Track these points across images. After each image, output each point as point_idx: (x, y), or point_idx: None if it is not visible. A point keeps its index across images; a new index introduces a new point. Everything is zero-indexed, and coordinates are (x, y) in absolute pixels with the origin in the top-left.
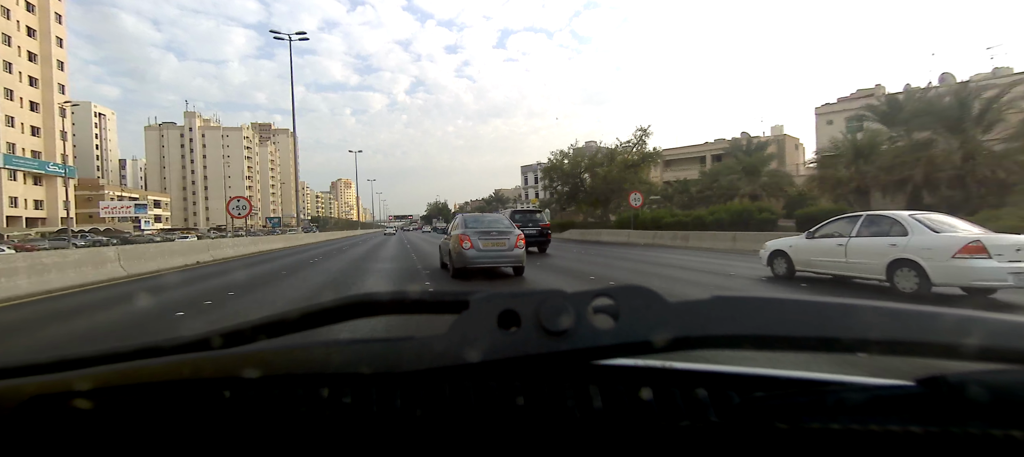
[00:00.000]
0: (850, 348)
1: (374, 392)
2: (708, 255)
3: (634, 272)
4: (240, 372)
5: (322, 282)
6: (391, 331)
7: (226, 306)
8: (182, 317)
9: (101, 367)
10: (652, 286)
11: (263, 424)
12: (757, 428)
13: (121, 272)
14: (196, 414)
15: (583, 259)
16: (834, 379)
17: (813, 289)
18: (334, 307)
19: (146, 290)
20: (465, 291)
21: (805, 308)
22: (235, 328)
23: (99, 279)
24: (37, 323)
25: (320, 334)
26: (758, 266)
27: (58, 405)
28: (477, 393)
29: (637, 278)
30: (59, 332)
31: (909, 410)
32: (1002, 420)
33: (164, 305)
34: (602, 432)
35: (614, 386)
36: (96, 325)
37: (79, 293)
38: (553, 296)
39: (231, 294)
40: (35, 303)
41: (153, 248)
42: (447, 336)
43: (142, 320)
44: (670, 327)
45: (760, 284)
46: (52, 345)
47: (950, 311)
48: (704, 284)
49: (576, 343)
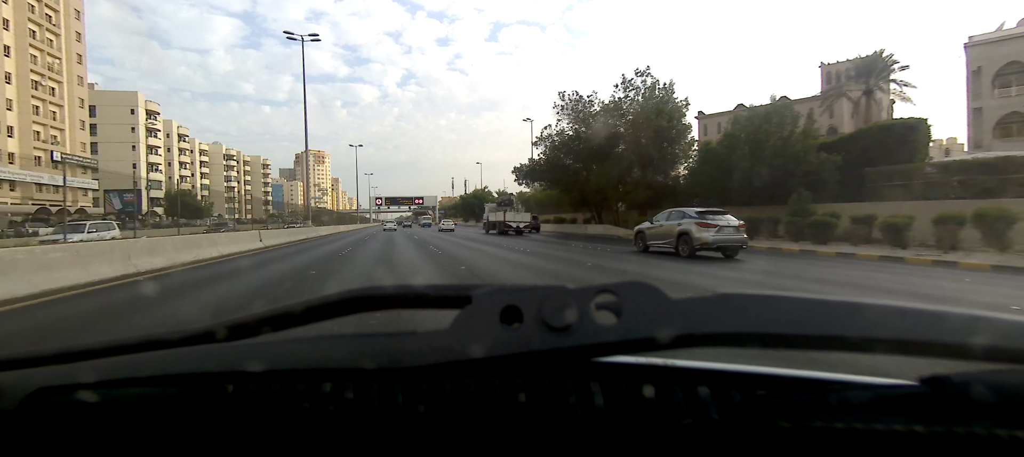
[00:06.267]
0: (855, 347)
1: (376, 387)
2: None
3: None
4: (243, 366)
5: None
6: (394, 326)
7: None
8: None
9: (106, 359)
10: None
11: (266, 418)
12: (759, 427)
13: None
14: (199, 407)
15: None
16: (837, 378)
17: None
18: (338, 301)
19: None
20: (468, 286)
21: (810, 306)
22: (239, 321)
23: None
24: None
25: (323, 328)
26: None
27: (63, 397)
28: (479, 389)
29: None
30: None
31: (913, 410)
32: (1007, 420)
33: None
34: (604, 430)
35: (616, 383)
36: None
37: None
38: (556, 292)
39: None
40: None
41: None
42: (450, 331)
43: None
44: (673, 324)
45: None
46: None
47: (957, 311)
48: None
49: (579, 339)
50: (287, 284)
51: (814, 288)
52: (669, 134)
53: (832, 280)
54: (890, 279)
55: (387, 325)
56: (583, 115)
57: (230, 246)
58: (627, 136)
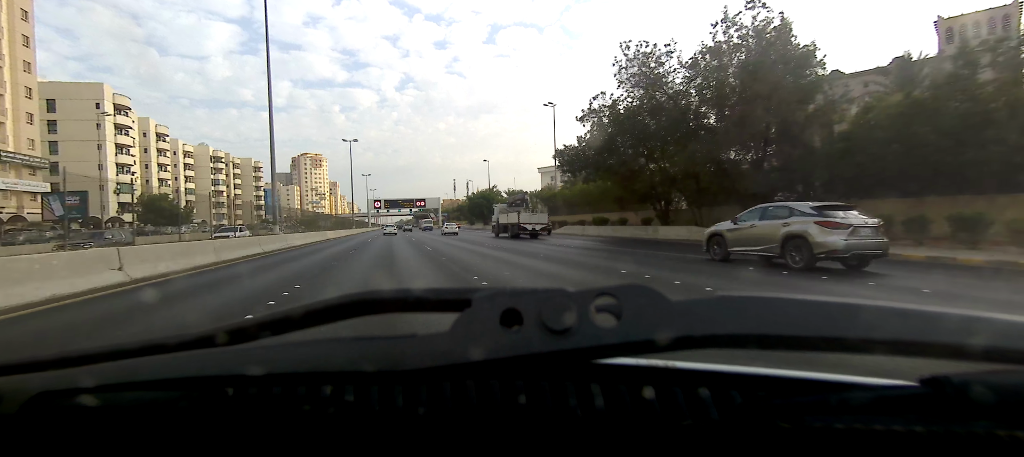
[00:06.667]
0: (855, 348)
1: (376, 390)
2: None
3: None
4: (244, 369)
5: None
6: (394, 329)
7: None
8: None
9: (105, 364)
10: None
11: (266, 422)
12: (760, 428)
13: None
14: (200, 411)
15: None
16: (837, 379)
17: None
18: (337, 305)
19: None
20: (467, 289)
21: (810, 308)
22: (239, 325)
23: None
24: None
25: (323, 332)
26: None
27: (63, 402)
28: (479, 392)
29: None
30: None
31: (913, 410)
32: (1007, 421)
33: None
34: (604, 432)
35: (616, 385)
36: None
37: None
38: (556, 294)
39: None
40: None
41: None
42: (450, 334)
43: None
44: (673, 326)
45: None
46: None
47: (955, 311)
48: None
49: (578, 342)
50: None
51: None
52: (800, 93)
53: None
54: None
55: (387, 329)
56: (655, 77)
57: (139, 267)
58: (745, 95)
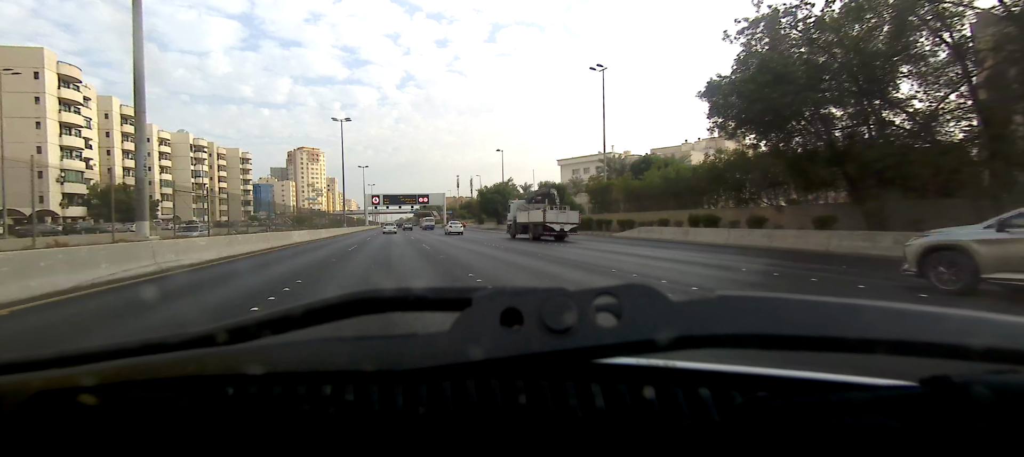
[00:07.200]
0: (854, 348)
1: (376, 389)
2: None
3: None
4: (244, 368)
5: None
6: (394, 329)
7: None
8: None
9: (106, 363)
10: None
11: (266, 421)
12: (760, 428)
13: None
14: (200, 410)
15: None
16: (838, 379)
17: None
18: (338, 304)
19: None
20: (468, 288)
21: (810, 308)
22: (239, 324)
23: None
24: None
25: (323, 331)
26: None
27: (63, 401)
28: (479, 391)
29: None
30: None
31: (913, 410)
32: (1007, 421)
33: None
34: (604, 431)
35: (616, 385)
36: None
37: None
38: (556, 294)
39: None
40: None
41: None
42: (450, 334)
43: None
44: (673, 326)
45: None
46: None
47: (956, 312)
48: None
49: (579, 342)
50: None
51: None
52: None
53: None
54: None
55: (387, 328)
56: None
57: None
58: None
